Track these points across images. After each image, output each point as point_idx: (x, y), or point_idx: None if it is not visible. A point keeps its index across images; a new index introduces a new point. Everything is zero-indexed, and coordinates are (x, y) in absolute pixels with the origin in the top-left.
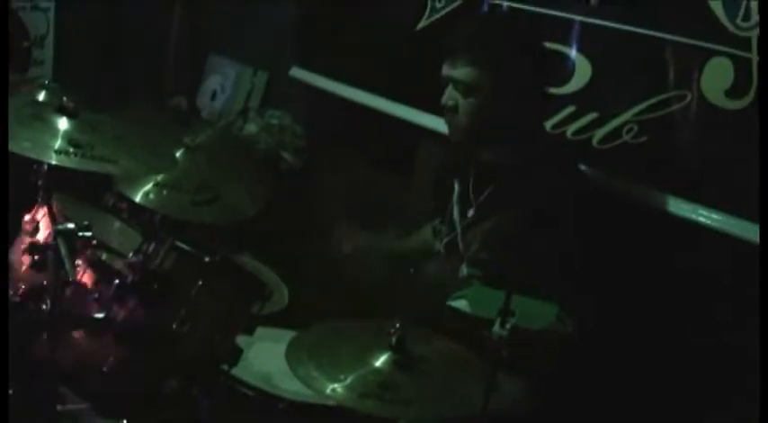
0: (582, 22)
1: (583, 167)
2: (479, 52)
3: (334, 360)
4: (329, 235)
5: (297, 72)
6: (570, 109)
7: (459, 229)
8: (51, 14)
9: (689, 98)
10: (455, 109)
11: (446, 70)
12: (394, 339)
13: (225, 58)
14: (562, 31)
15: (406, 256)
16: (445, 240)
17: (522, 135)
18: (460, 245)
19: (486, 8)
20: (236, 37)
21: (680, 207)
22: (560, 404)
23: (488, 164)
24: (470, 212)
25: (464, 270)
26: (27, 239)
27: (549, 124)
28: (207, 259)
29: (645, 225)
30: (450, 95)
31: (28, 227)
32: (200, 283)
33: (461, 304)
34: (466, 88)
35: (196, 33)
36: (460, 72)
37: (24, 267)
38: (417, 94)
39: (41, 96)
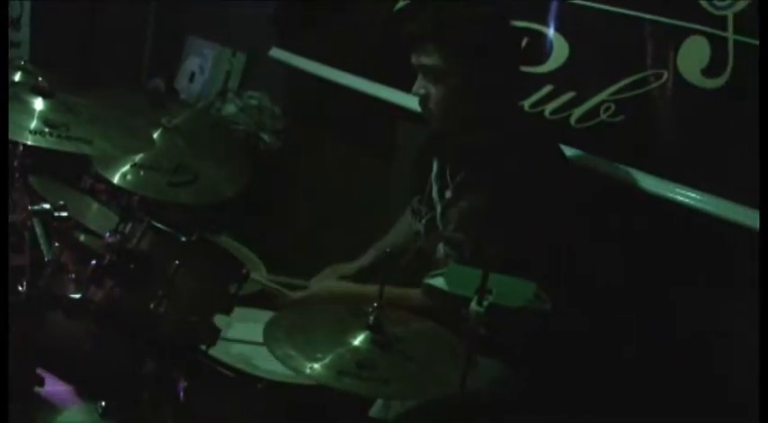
0: (559, 2)
1: (561, 147)
2: (444, 37)
3: (312, 339)
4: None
5: (276, 52)
6: (548, 88)
7: (438, 208)
8: None
9: (666, 77)
10: (427, 97)
11: (414, 59)
12: (371, 318)
13: (203, 40)
14: (538, 11)
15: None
16: (425, 220)
17: (497, 117)
18: (440, 224)
19: None
20: (215, 18)
21: (657, 186)
22: (539, 383)
23: (465, 146)
24: (448, 193)
25: (440, 250)
26: None
27: (526, 104)
28: (184, 239)
29: (621, 204)
30: (420, 84)
31: None
32: (178, 263)
33: (439, 282)
34: (435, 75)
35: (174, 15)
36: (428, 59)
37: None
38: (396, 73)
39: (17, 77)
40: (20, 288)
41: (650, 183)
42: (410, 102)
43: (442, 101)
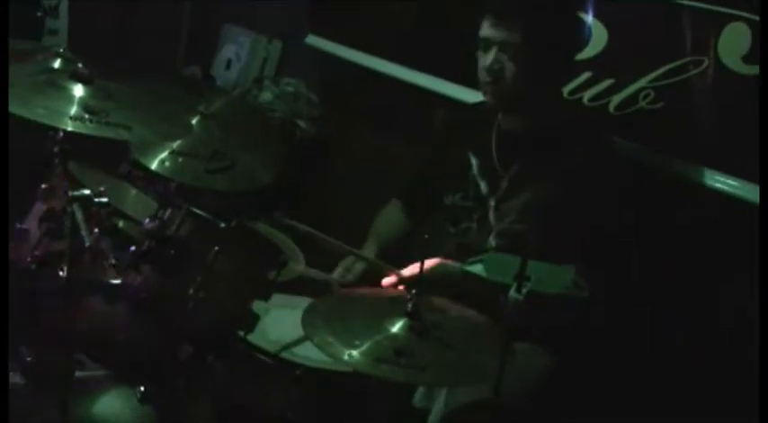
0: None
1: (610, 136)
2: (532, 12)
3: (350, 326)
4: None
5: (313, 40)
6: (587, 75)
7: (493, 203)
8: None
9: (706, 64)
10: (501, 72)
11: (490, 32)
12: (410, 305)
13: (240, 27)
14: None
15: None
16: (474, 216)
17: (549, 103)
18: (492, 218)
19: None
20: (251, 6)
21: (696, 173)
22: (577, 371)
23: (511, 133)
24: (503, 184)
25: (491, 242)
26: (43, 207)
27: (565, 90)
28: (222, 225)
29: (659, 191)
30: (496, 58)
31: (44, 194)
32: (216, 249)
33: (477, 269)
34: (515, 51)
35: (211, 2)
36: (510, 34)
37: (40, 234)
38: (433, 61)
39: (56, 64)
40: (60, 273)
41: (689, 170)
42: (447, 89)
43: (516, 78)
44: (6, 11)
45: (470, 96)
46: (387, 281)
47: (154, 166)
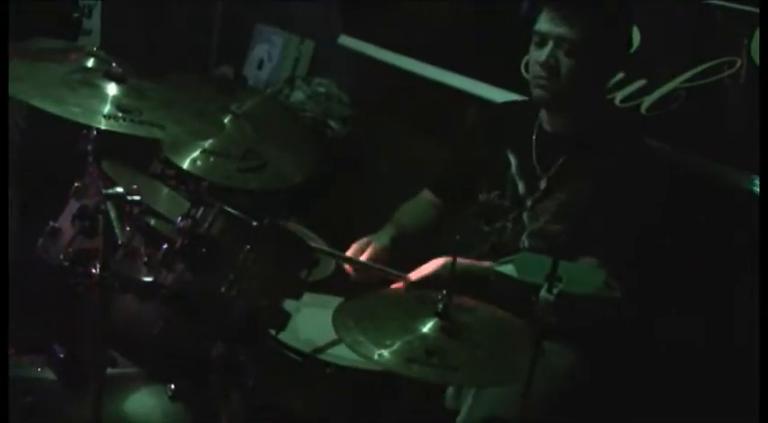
0: None
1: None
2: (592, 8)
3: (381, 326)
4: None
5: (345, 40)
6: (619, 75)
7: (528, 204)
8: None
9: (739, 64)
10: (556, 68)
11: (547, 26)
12: (440, 305)
13: (272, 27)
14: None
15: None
16: (510, 216)
17: (595, 103)
18: (526, 218)
19: None
20: (284, 5)
21: (729, 175)
22: (607, 371)
23: (553, 133)
24: (542, 184)
25: (525, 242)
26: (77, 204)
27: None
28: (255, 224)
29: (692, 193)
30: (551, 53)
31: (77, 192)
32: (248, 247)
33: (508, 269)
34: (573, 46)
35: (243, 2)
36: (569, 29)
37: (74, 232)
38: (465, 61)
39: (90, 63)
40: (93, 271)
41: (722, 172)
42: (479, 89)
43: (572, 74)
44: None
45: (502, 97)
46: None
47: (186, 165)
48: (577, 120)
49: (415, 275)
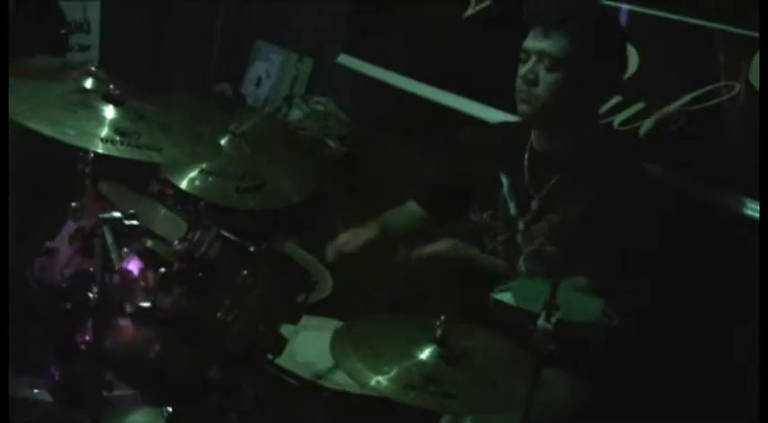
0: (630, 10)
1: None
2: (575, 24)
3: (379, 352)
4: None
5: (344, 59)
6: (617, 99)
7: (521, 225)
8: (95, 1)
9: (737, 89)
10: (534, 82)
11: (530, 43)
12: (439, 332)
13: (270, 45)
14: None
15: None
16: (502, 238)
17: (585, 123)
18: (520, 240)
19: None
20: (282, 23)
21: (727, 199)
22: (606, 398)
23: (544, 153)
24: (534, 205)
25: (521, 265)
26: (73, 226)
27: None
28: (252, 249)
29: (689, 217)
30: (531, 68)
31: (75, 214)
32: (246, 272)
33: (506, 297)
34: (553, 61)
35: (241, 19)
36: (550, 44)
37: (71, 254)
38: (463, 81)
39: (88, 83)
40: (90, 294)
41: (720, 196)
42: (477, 109)
43: (550, 89)
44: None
45: (499, 117)
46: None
47: (184, 185)
48: (568, 140)
49: (425, 250)
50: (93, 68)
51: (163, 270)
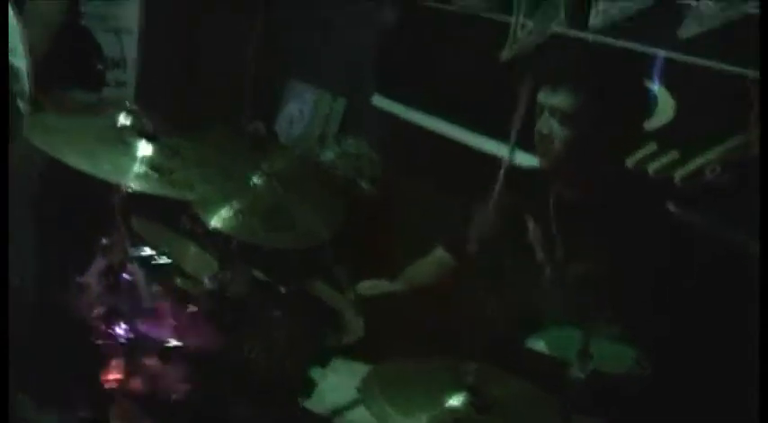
0: (667, 55)
1: (670, 207)
2: (582, 80)
3: (409, 397)
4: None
5: (378, 100)
6: (652, 147)
7: (548, 271)
8: (132, 38)
9: None
10: (549, 137)
11: (542, 97)
12: (470, 379)
13: (304, 84)
14: (646, 65)
15: None
16: (528, 283)
17: (610, 170)
18: (547, 285)
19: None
20: (316, 63)
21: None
22: None
23: (570, 200)
24: (560, 251)
25: (550, 312)
26: (104, 263)
27: (630, 161)
28: (282, 288)
29: (726, 266)
30: (544, 123)
31: (105, 250)
32: (275, 312)
33: (539, 345)
34: (564, 116)
35: (275, 59)
36: (560, 99)
37: (100, 290)
38: (498, 125)
39: (123, 119)
40: (118, 331)
41: (754, 246)
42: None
43: (564, 142)
44: (6, 12)
45: (534, 161)
46: None
47: (215, 223)
48: (592, 188)
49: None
50: (128, 104)
51: (192, 308)
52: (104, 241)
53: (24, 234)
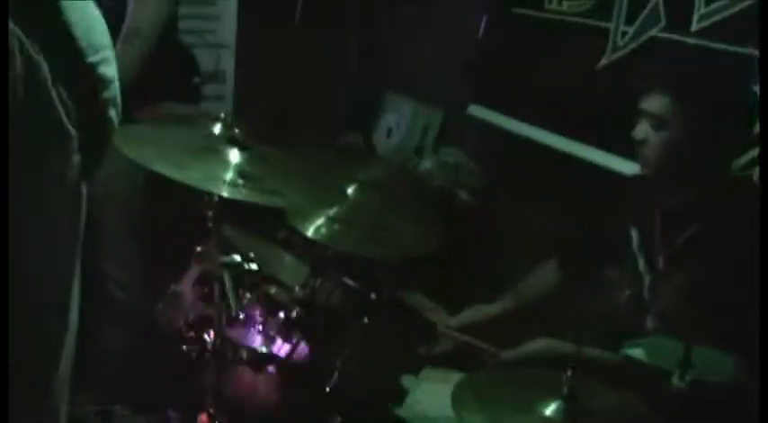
0: None
1: None
2: (674, 85)
3: (502, 406)
4: None
5: (475, 109)
6: (755, 151)
7: (647, 281)
8: (229, 53)
9: None
10: (644, 143)
11: (641, 103)
12: (566, 388)
13: (401, 96)
14: (750, 68)
15: None
16: (628, 292)
17: (712, 177)
18: (647, 296)
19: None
20: (412, 74)
21: None
22: None
23: (674, 208)
24: (661, 262)
25: (649, 323)
26: (197, 269)
27: (735, 165)
28: (373, 297)
29: None
30: (642, 129)
31: (198, 257)
32: (366, 320)
33: (638, 353)
34: (657, 121)
35: (372, 71)
36: (653, 104)
37: (194, 298)
38: (597, 132)
39: (215, 129)
40: (208, 339)
41: None
42: (612, 162)
43: (659, 148)
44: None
45: (634, 170)
46: None
47: (309, 232)
48: (697, 196)
49: (510, 354)
50: (221, 114)
51: (283, 316)
52: (198, 249)
53: (126, 247)
